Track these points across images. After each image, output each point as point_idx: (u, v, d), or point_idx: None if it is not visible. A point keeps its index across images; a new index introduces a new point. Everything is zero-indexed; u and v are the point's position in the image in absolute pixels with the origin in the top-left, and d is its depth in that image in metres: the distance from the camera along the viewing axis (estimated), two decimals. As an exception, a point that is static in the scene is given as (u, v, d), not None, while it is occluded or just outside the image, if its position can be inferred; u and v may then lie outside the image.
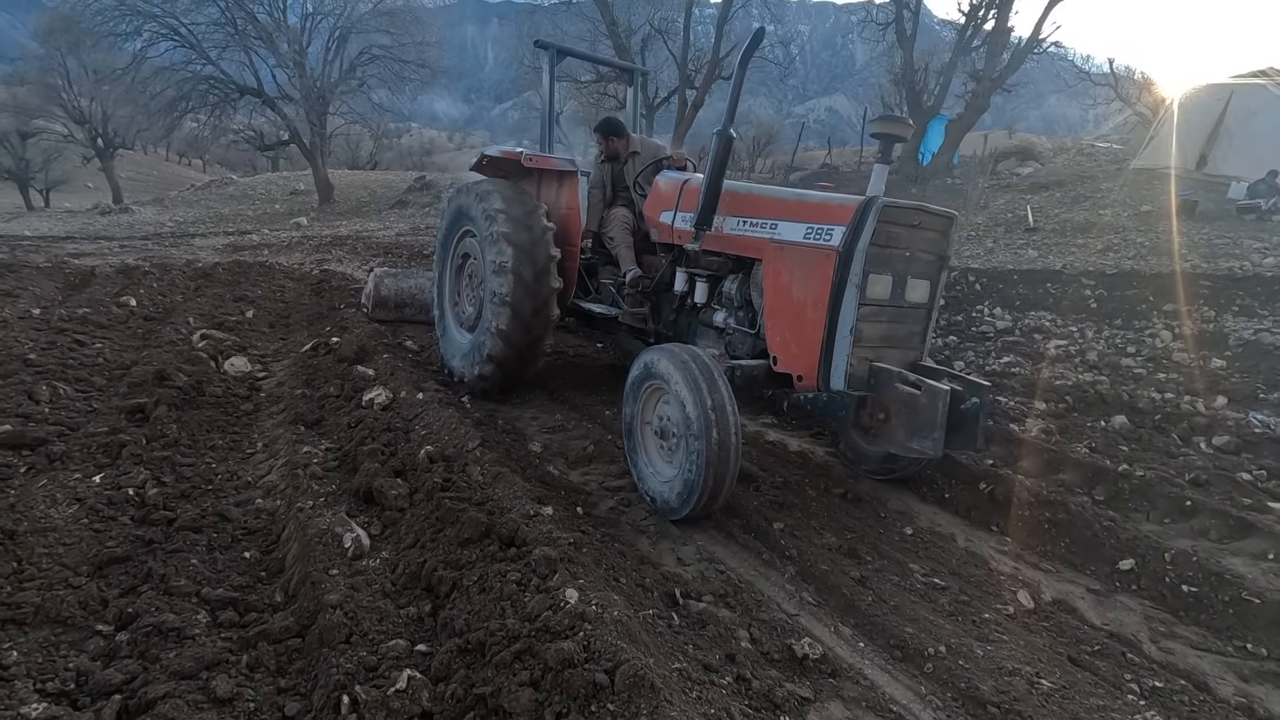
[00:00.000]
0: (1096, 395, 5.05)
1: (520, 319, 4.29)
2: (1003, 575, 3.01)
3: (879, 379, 3.14)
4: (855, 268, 3.02)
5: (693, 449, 2.94)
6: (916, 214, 3.18)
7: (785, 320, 3.36)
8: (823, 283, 3.12)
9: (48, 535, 2.35)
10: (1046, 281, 8.21)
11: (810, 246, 3.22)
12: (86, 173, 35.69)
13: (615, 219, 4.56)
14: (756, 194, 3.74)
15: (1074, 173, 15.13)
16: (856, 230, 3.04)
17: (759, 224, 3.55)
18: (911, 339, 3.37)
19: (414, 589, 2.25)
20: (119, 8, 20.36)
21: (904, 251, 3.18)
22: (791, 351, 3.32)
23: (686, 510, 3.04)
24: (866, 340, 3.16)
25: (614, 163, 4.78)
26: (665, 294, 4.24)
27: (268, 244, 14.89)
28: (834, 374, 3.13)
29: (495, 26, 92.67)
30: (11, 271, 8.04)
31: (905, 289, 3.23)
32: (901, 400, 3.02)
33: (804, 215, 3.33)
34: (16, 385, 3.70)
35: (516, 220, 4.35)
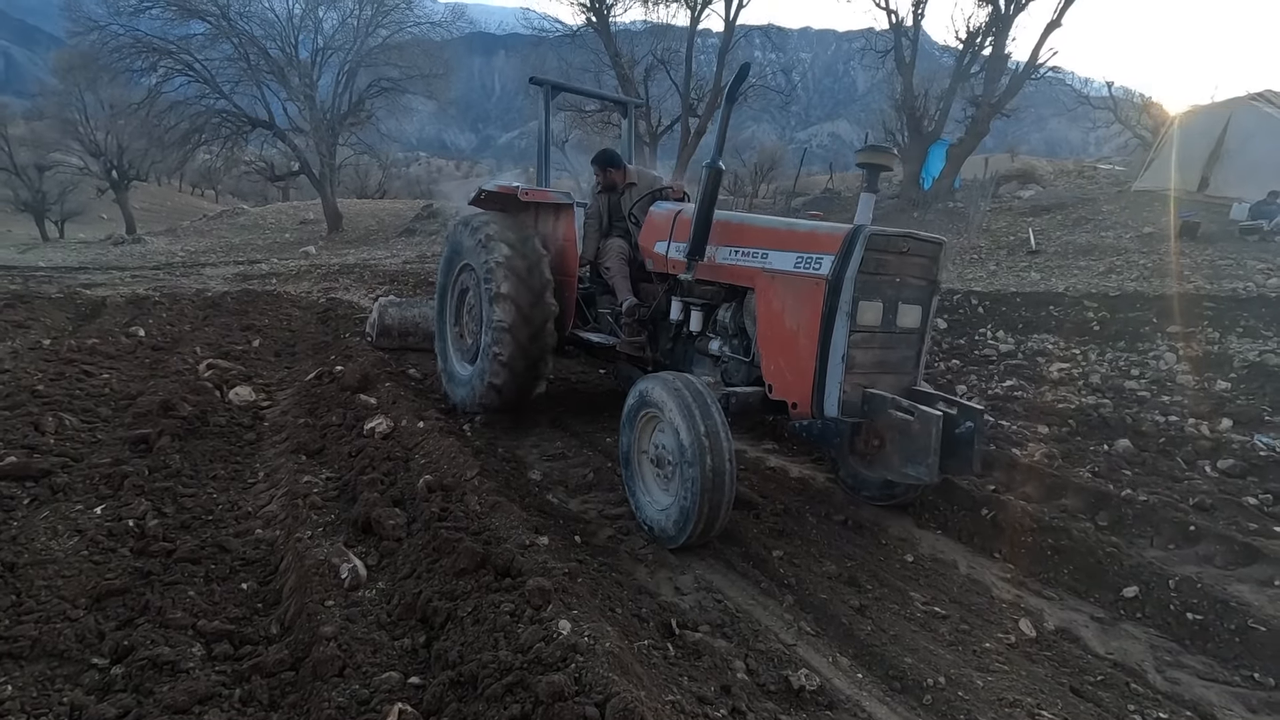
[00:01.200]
0: (1100, 419, 5.03)
1: (518, 346, 4.37)
2: (1005, 603, 2.98)
3: (872, 405, 3.15)
4: (845, 295, 3.06)
5: (688, 476, 2.95)
6: (904, 241, 3.21)
7: (778, 348, 3.40)
8: (813, 311, 3.16)
9: (47, 567, 2.37)
10: (1049, 304, 8.21)
11: (800, 275, 3.27)
12: (101, 204, 36.37)
13: (612, 249, 4.62)
14: (747, 224, 3.79)
15: (1075, 195, 15.20)
16: (845, 258, 3.08)
17: (750, 253, 3.59)
18: (905, 364, 3.39)
19: (409, 620, 2.25)
20: (135, 45, 20.95)
21: (894, 278, 3.21)
22: (785, 379, 3.36)
23: (683, 538, 3.04)
24: (860, 366, 3.18)
25: (611, 193, 4.84)
26: (662, 323, 4.30)
27: (276, 273, 15.08)
28: (827, 401, 3.16)
29: (502, 58, 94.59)
30: (24, 302, 8.17)
31: (897, 315, 3.26)
32: (895, 426, 3.02)
33: (794, 244, 3.38)
34: (23, 416, 3.75)
35: (512, 250, 4.45)
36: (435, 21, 25.77)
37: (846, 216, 14.52)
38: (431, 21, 25.55)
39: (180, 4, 20.98)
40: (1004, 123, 20.30)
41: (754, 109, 24.70)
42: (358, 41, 22.96)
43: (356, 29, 23.01)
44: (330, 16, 23.63)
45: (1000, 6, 15.46)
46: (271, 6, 22.97)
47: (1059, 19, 14.80)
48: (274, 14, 22.79)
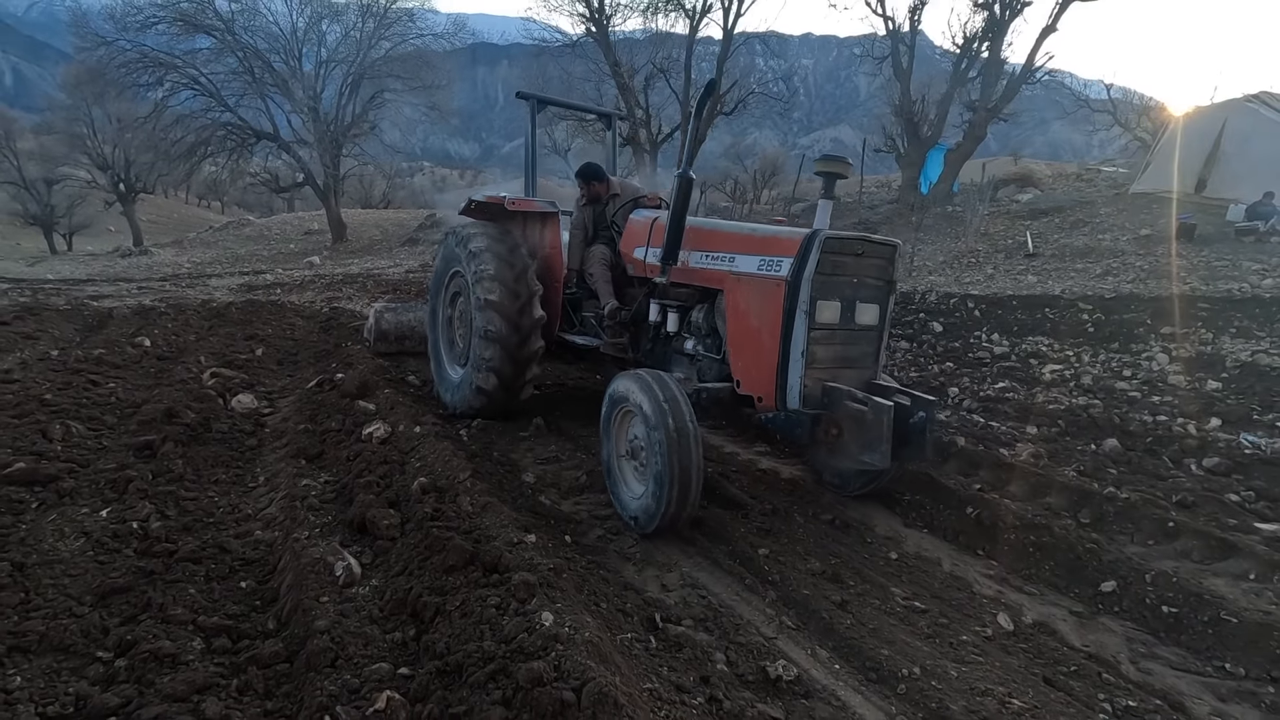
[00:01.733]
0: (1089, 419, 5.09)
1: (506, 350, 4.59)
2: (985, 598, 3.05)
3: (831, 397, 3.33)
4: (803, 295, 3.26)
5: (654, 440, 3.13)
6: (859, 244, 3.43)
7: (745, 345, 3.60)
8: (775, 310, 3.36)
9: (54, 567, 2.47)
10: (1045, 306, 8.27)
11: (763, 277, 3.47)
12: (109, 217, 36.82)
13: (595, 256, 4.80)
14: (716, 230, 4.00)
15: (1073, 198, 15.26)
16: (802, 261, 3.28)
17: (719, 257, 3.80)
18: (864, 359, 3.59)
19: (400, 614, 2.34)
20: (142, 60, 21.27)
21: (851, 279, 3.42)
22: (752, 375, 3.55)
23: (661, 508, 3.16)
24: (820, 362, 3.38)
25: (595, 205, 5.01)
26: (642, 325, 4.46)
27: (281, 283, 15.24)
28: (790, 394, 3.35)
29: (505, 68, 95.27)
30: (33, 314, 8.31)
31: (855, 313, 3.45)
32: (852, 417, 3.21)
33: (757, 248, 3.58)
34: (32, 424, 3.86)
35: (499, 258, 4.66)
36: (437, 33, 26.00)
37: (846, 222, 14.58)
38: (434, 33, 25.79)
39: (186, 19, 21.31)
40: (1005, 126, 20.40)
41: (755, 115, 24.87)
42: (360, 54, 23.22)
43: (359, 41, 23.29)
44: (333, 29, 23.99)
45: (996, 12, 15.58)
46: (276, 20, 23.31)
47: (1054, 24, 14.91)
48: (278, 28, 23.12)
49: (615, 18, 21.28)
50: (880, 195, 21.75)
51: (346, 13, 23.91)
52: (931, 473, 4.11)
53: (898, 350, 7.42)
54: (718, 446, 4.93)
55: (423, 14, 25.40)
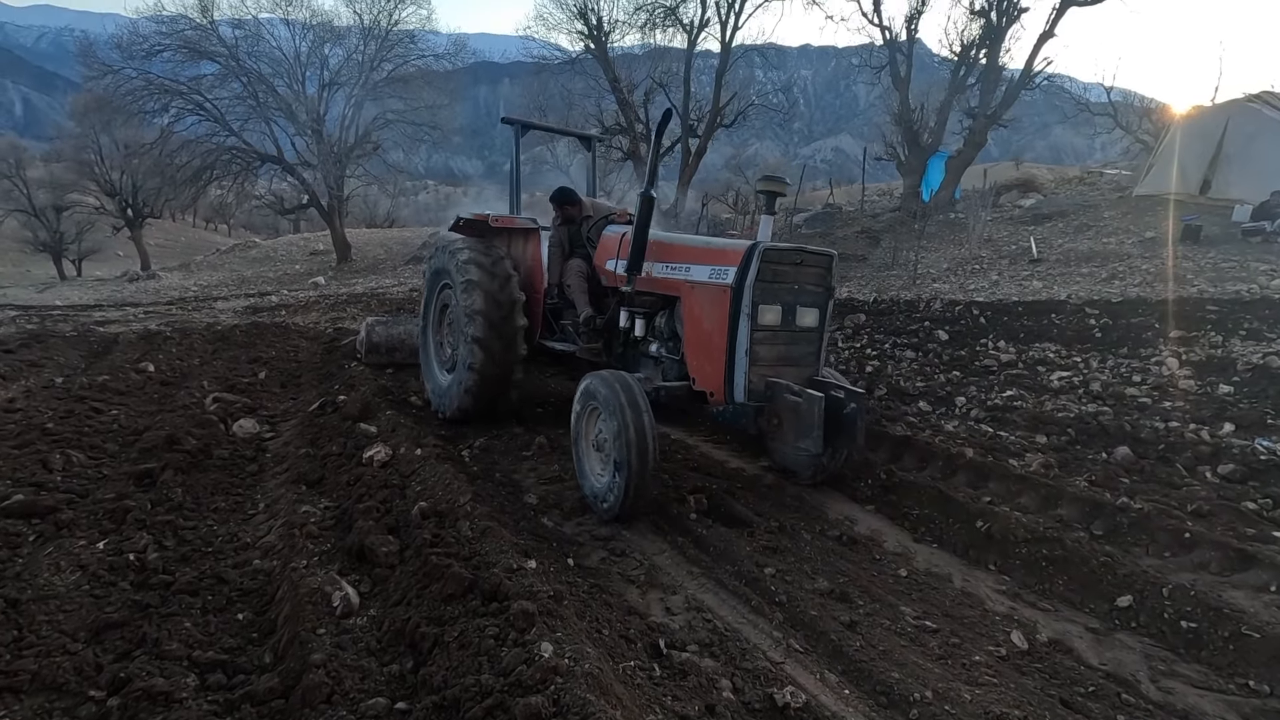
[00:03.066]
0: (1099, 426, 5.01)
1: (491, 354, 4.93)
2: (998, 616, 2.98)
3: (772, 391, 3.73)
4: (745, 300, 3.65)
5: (616, 434, 3.47)
6: (798, 254, 3.84)
7: (699, 347, 3.99)
8: (723, 314, 3.75)
9: (49, 603, 2.44)
10: (1051, 312, 8.21)
11: (713, 285, 3.86)
12: (117, 242, 37.19)
13: (572, 269, 5.09)
14: (675, 243, 4.37)
15: (1077, 202, 15.19)
16: (744, 270, 3.66)
17: (677, 267, 4.17)
18: (806, 358, 3.99)
19: (398, 646, 2.29)
20: (148, 87, 21.54)
21: (792, 285, 3.82)
22: (705, 372, 3.93)
23: (622, 493, 3.48)
24: (764, 360, 3.77)
25: (570, 224, 5.33)
26: (614, 330, 4.78)
27: (286, 304, 15.31)
28: (736, 389, 3.75)
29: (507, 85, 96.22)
30: (39, 341, 8.35)
31: (796, 316, 3.85)
32: (789, 408, 3.62)
33: (708, 259, 3.97)
34: (32, 454, 3.85)
35: (484, 269, 5.03)
36: (439, 54, 26.26)
37: (849, 230, 14.50)
38: (435, 54, 26.05)
39: (191, 46, 21.60)
40: (1007, 131, 20.37)
41: (756, 126, 24.95)
42: (363, 76, 23.45)
43: (361, 64, 23.52)
44: (336, 52, 24.20)
45: (993, 19, 15.61)
46: (279, 45, 23.57)
47: (1052, 29, 14.93)
48: (281, 52, 23.36)
49: (614, 34, 21.44)
50: (882, 203, 21.73)
51: (348, 36, 24.18)
52: (940, 486, 4.05)
53: (903, 360, 7.36)
54: (722, 461, 4.88)
55: (424, 35, 25.71)
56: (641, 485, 3.47)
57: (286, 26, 23.67)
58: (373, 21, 23.55)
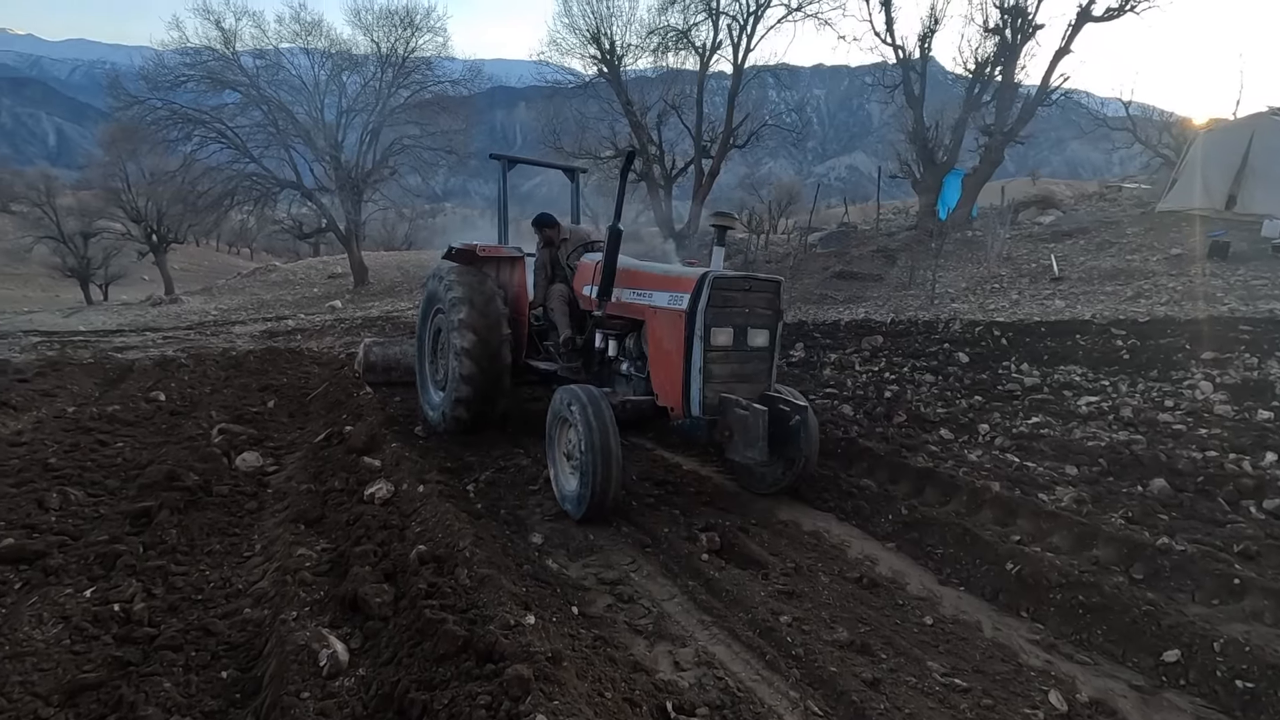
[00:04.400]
0: (1132, 456, 4.77)
1: (478, 365, 5.30)
2: (1033, 671, 2.77)
3: (724, 406, 4.06)
4: (698, 324, 4.03)
5: (583, 443, 3.83)
6: (747, 281, 4.24)
7: (660, 365, 4.38)
8: (679, 336, 4.12)
9: (25, 660, 2.33)
10: (1075, 333, 7.96)
11: (671, 310, 4.24)
12: (142, 266, 37.90)
13: (555, 294, 5.49)
14: (640, 270, 4.75)
15: (1098, 218, 14.91)
16: (697, 297, 4.04)
17: (642, 293, 4.58)
18: (758, 375, 4.36)
19: (385, 713, 2.14)
20: (172, 116, 22.03)
21: (743, 309, 4.18)
22: (666, 389, 4.33)
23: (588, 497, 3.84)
24: (717, 377, 4.13)
25: (552, 248, 5.72)
26: (592, 351, 5.12)
27: (302, 328, 15.39)
28: (693, 404, 4.11)
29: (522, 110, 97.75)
30: (55, 370, 8.39)
31: (747, 337, 4.21)
32: (738, 420, 3.93)
33: (668, 286, 4.36)
34: (29, 493, 3.77)
35: (471, 288, 5.49)
36: (454, 80, 26.63)
37: (865, 249, 14.34)
38: (451, 80, 26.42)
39: (214, 76, 22.09)
40: (1023, 147, 20.12)
41: (770, 146, 24.92)
42: (380, 102, 23.80)
43: (379, 91, 23.89)
44: (354, 80, 24.63)
45: (1008, 37, 15.48)
46: (299, 74, 24.06)
47: (1068, 45, 14.77)
48: (301, 80, 23.83)
49: (626, 58, 21.59)
50: (898, 222, 21.54)
51: (366, 63, 24.59)
52: (966, 523, 3.85)
53: (923, 384, 7.15)
54: (735, 494, 4.71)
55: (440, 62, 26.10)
56: (605, 489, 3.84)
57: (306, 55, 24.20)
58: (390, 49, 23.96)
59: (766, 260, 17.60)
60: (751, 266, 16.22)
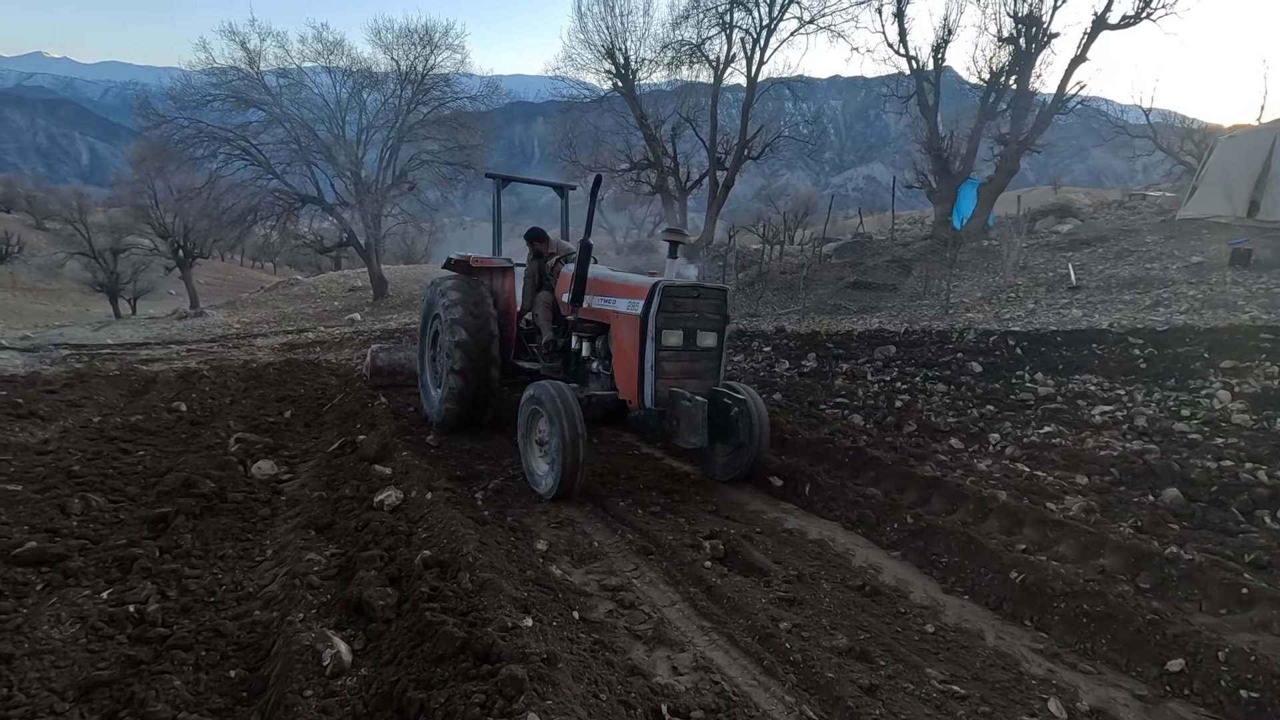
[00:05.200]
0: (1145, 466, 4.72)
1: (469, 359, 5.86)
2: (1034, 679, 2.75)
3: (673, 398, 4.59)
4: (650, 327, 4.59)
5: (553, 431, 4.38)
6: (695, 290, 4.79)
7: (621, 364, 4.91)
8: (635, 338, 4.68)
9: (44, 658, 2.42)
10: (1092, 342, 7.87)
11: (629, 314, 4.78)
12: (169, 281, 38.76)
13: (540, 300, 6.04)
14: (606, 279, 5.27)
15: (1117, 227, 14.72)
16: (648, 304, 4.59)
17: (608, 300, 5.09)
18: (707, 372, 4.91)
19: (385, 711, 2.19)
20: (199, 135, 22.60)
21: (692, 314, 4.75)
22: (625, 384, 4.87)
23: (557, 479, 4.38)
24: (669, 374, 4.67)
25: (540, 259, 6.28)
26: (568, 351, 5.69)
27: (321, 341, 15.65)
28: (646, 397, 4.66)
29: (540, 124, 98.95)
30: (83, 381, 8.63)
31: (696, 339, 4.77)
32: (683, 411, 4.46)
33: (627, 294, 4.90)
34: (53, 499, 3.90)
35: (464, 293, 6.11)
36: (472, 96, 27.04)
37: (880, 259, 14.30)
38: (469, 96, 26.82)
39: (238, 95, 22.65)
40: (1044, 156, 19.93)
41: (786, 157, 24.96)
42: (400, 119, 24.24)
43: (398, 108, 24.33)
44: (374, 97, 25.10)
45: (1022, 45, 15.42)
46: (321, 92, 24.58)
47: (1084, 54, 14.65)
48: (322, 98, 24.33)
49: (641, 72, 21.78)
50: (913, 232, 21.43)
51: (386, 81, 25.06)
52: (972, 531, 3.83)
53: (934, 394, 7.11)
54: (742, 504, 4.72)
55: (459, 79, 26.51)
56: (572, 472, 4.34)
57: (328, 74, 24.68)
58: (409, 67, 24.40)
59: (781, 271, 17.58)
60: (765, 277, 16.24)
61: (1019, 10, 15.34)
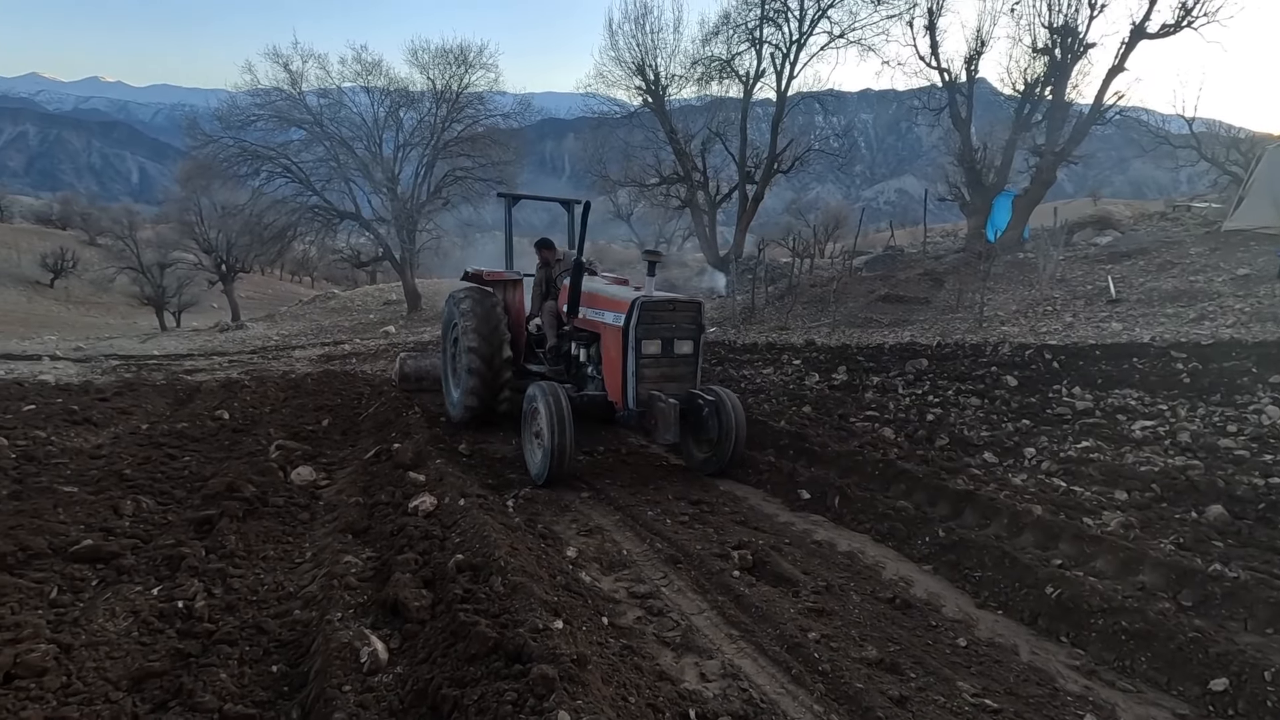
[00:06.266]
0: (1188, 482, 4.59)
1: (481, 359, 6.53)
2: (1070, 696, 2.71)
3: (651, 400, 5.12)
4: (631, 338, 5.18)
5: (546, 425, 4.92)
6: (671, 304, 5.35)
7: (609, 369, 5.52)
8: (619, 346, 5.27)
9: (99, 649, 2.53)
10: (1133, 356, 7.69)
11: (614, 325, 5.36)
12: (212, 294, 40.03)
13: (546, 309, 6.63)
14: (598, 293, 5.82)
15: (1159, 238, 14.36)
16: (629, 317, 5.19)
17: (599, 312, 5.68)
18: (685, 377, 5.47)
19: (419, 708, 2.25)
20: (242, 153, 23.45)
21: (670, 325, 5.31)
22: (612, 387, 5.47)
23: (549, 467, 4.96)
24: (649, 379, 5.26)
25: (548, 268, 6.90)
26: (570, 356, 6.32)
27: (357, 352, 16.01)
28: (629, 398, 5.26)
29: (571, 140, 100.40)
30: (132, 390, 8.98)
31: (674, 347, 5.34)
32: (659, 410, 4.99)
33: (613, 307, 5.46)
34: (106, 501, 4.08)
35: (477, 302, 6.81)
36: (505, 113, 27.58)
37: (911, 273, 14.13)
38: (502, 114, 27.37)
39: (281, 115, 23.47)
40: (1081, 168, 19.53)
41: (816, 170, 24.89)
42: (435, 136, 24.82)
43: (434, 126, 24.93)
44: (410, 115, 25.76)
45: (1057, 56, 15.21)
46: (359, 111, 25.31)
47: (1122, 63, 14.39)
48: (361, 117, 25.06)
49: (670, 87, 21.97)
50: (945, 245, 21.14)
51: (422, 100, 25.71)
52: (1006, 546, 3.78)
53: (968, 408, 7.01)
54: (772, 515, 4.72)
55: (492, 96, 27.07)
56: (560, 461, 4.93)
57: (366, 94, 25.42)
58: (444, 86, 25.00)
59: (811, 284, 17.49)
60: (795, 290, 16.19)
61: (1054, 21, 15.14)
